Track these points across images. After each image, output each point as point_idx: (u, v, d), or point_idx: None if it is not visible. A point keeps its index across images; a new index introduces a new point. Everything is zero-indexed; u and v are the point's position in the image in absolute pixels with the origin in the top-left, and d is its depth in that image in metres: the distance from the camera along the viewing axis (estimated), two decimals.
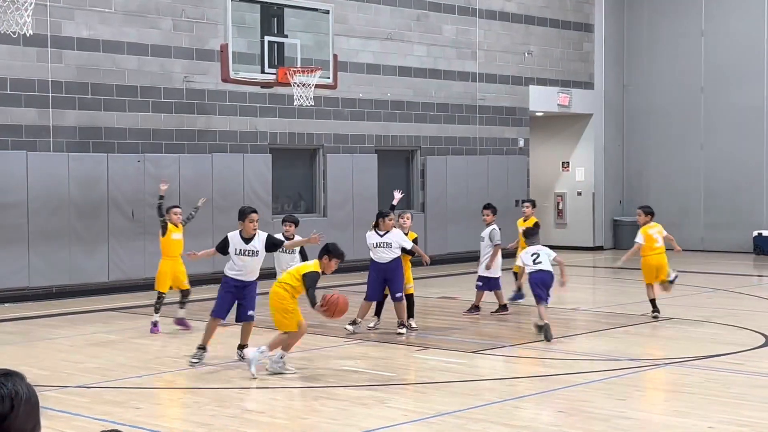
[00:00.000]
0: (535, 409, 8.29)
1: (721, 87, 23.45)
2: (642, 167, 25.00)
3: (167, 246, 12.60)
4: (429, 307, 14.41)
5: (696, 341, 11.49)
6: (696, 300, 15.23)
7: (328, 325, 12.90)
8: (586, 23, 24.57)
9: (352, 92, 19.73)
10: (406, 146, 20.99)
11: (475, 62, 22.06)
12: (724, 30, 23.45)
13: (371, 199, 19.99)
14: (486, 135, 22.37)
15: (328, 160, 19.46)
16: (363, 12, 19.99)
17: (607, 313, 13.99)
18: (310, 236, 10.64)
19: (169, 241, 12.59)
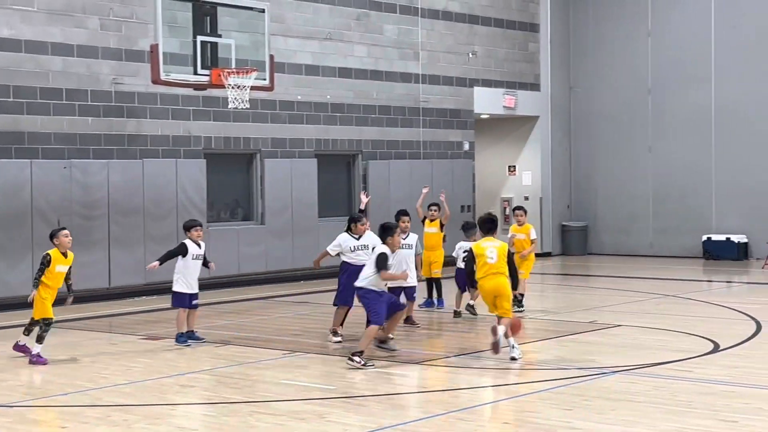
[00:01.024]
0: (479, 421, 8.34)
1: (668, 88, 23.85)
2: (590, 171, 25.32)
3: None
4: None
5: (644, 348, 11.65)
6: (645, 306, 15.44)
7: (264, 337, 12.85)
8: (532, 23, 24.83)
9: (290, 94, 19.69)
10: (347, 150, 21.00)
11: (417, 63, 22.17)
12: (670, 30, 23.87)
13: (311, 205, 19.97)
14: (430, 138, 22.48)
15: (265, 165, 19.40)
16: (301, 11, 19.97)
17: (555, 320, 14.13)
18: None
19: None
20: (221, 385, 9.97)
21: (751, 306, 15.03)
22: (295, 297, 17.29)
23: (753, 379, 9.67)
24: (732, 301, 15.79)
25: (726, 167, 22.98)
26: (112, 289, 17.15)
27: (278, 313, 15.47)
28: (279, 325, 14.07)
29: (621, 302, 15.81)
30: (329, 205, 20.32)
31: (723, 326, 13.15)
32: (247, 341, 12.53)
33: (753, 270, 20.94)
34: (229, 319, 14.70)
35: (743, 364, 10.50)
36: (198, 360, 11.28)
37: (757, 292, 17.93)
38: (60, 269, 11.21)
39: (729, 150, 22.93)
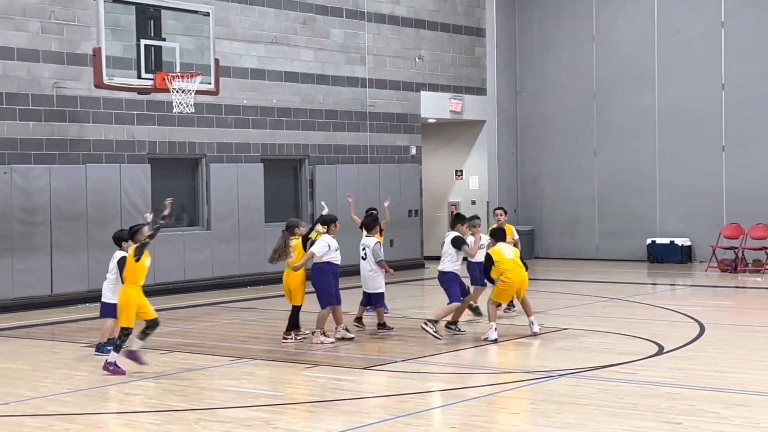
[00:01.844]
0: (427, 426, 8.38)
1: (613, 92, 24.15)
2: (536, 175, 25.54)
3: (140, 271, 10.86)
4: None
5: (589, 351, 11.78)
6: (590, 309, 15.61)
7: (210, 344, 12.78)
8: (478, 28, 24.99)
9: (235, 99, 19.61)
10: (294, 155, 20.97)
11: (364, 67, 22.20)
12: (615, 35, 24.18)
13: (257, 210, 19.90)
14: (377, 143, 22.52)
15: (211, 170, 19.29)
16: (246, 14, 19.90)
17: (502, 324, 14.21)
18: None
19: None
20: (166, 393, 9.89)
21: (694, 308, 15.28)
22: (241, 303, 17.22)
23: (697, 381, 9.82)
24: (676, 304, 16.03)
25: (670, 171, 23.32)
26: (55, 296, 16.94)
27: (225, 320, 15.39)
28: (225, 332, 14.00)
29: (567, 305, 15.97)
30: (276, 210, 20.26)
31: (667, 329, 13.34)
32: (192, 348, 12.45)
33: (696, 273, 21.28)
34: (175, 326, 14.58)
35: (687, 366, 10.66)
36: (143, 367, 11.17)
37: (700, 294, 18.22)
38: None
39: (673, 154, 23.28)
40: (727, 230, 21.82)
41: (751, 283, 19.37)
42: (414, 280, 21.06)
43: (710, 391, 9.33)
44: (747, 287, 19.01)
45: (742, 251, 21.05)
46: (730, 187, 22.53)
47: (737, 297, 18.12)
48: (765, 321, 14.37)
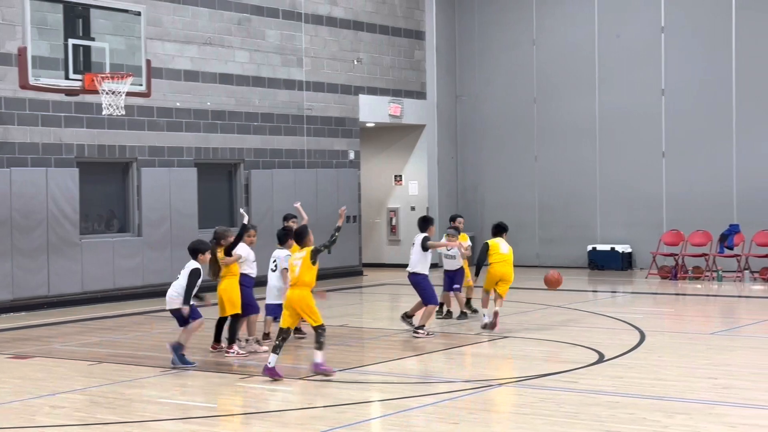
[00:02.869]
0: None
1: (554, 97, 24.42)
2: (477, 180, 25.70)
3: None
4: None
5: (530, 360, 11.88)
6: (530, 317, 15.74)
7: (141, 354, 12.64)
8: (417, 30, 25.10)
9: (168, 101, 19.45)
10: (229, 159, 20.85)
11: (301, 70, 22.17)
12: (555, 39, 24.45)
13: (191, 216, 19.74)
14: (314, 147, 22.49)
15: (142, 174, 19.10)
16: (179, 14, 19.75)
17: (442, 333, 14.27)
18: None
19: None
20: (94, 405, 9.76)
21: (634, 316, 15.49)
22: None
23: (637, 389, 9.95)
24: (616, 311, 16.24)
25: (610, 177, 23.63)
26: None
27: (156, 329, 15.23)
28: (156, 341, 13.85)
29: (507, 313, 16.07)
30: (210, 215, 20.11)
31: (608, 336, 13.51)
32: (122, 359, 12.31)
33: (637, 280, 21.58)
34: (103, 336, 14.40)
35: (628, 374, 10.80)
36: (70, 379, 11.02)
37: (640, 301, 18.48)
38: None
39: (613, 159, 23.59)
40: (667, 237, 22.17)
41: (691, 290, 19.70)
42: (352, 287, 21.06)
43: (651, 399, 9.46)
44: (687, 294, 19.32)
45: (682, 258, 21.40)
46: (670, 194, 22.90)
47: (677, 304, 18.41)
48: (705, 328, 14.63)
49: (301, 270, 10.86)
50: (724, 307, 17.85)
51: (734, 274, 20.71)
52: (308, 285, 10.89)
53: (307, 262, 10.88)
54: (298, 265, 10.93)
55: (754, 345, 13.03)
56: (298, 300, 10.84)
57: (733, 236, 20.97)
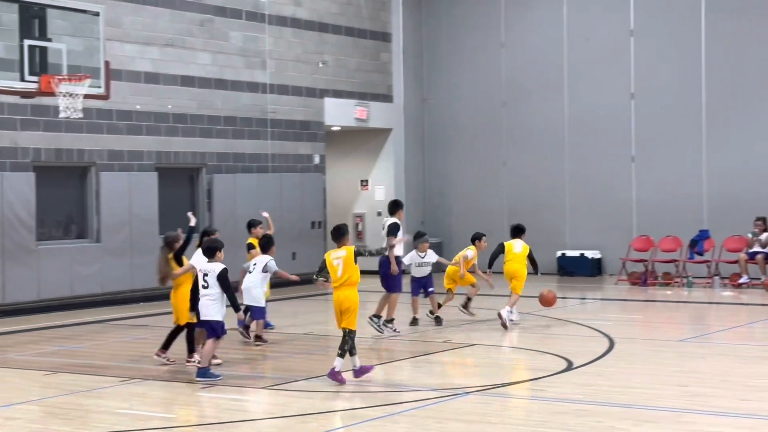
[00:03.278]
0: None
1: (522, 101, 24.50)
2: (444, 185, 25.74)
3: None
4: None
5: (498, 368, 11.91)
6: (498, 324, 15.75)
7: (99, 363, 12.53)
8: (384, 32, 25.12)
9: (128, 103, 19.32)
10: (190, 163, 20.74)
11: (265, 72, 22.11)
12: (523, 42, 24.54)
13: (151, 222, 19.61)
14: (278, 151, 22.42)
15: (101, 179, 18.96)
16: (139, 15, 19.63)
17: (408, 340, 14.27)
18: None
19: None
20: (50, 417, 9.66)
21: (604, 323, 15.56)
22: (133, 320, 16.94)
23: (606, 397, 9.99)
24: (586, 318, 16.31)
25: (579, 182, 23.75)
26: None
27: (114, 338, 15.12)
28: (115, 350, 13.75)
29: (475, 320, 16.10)
30: (171, 221, 19.91)
31: (577, 344, 13.56)
32: (80, 368, 12.19)
33: (606, 286, 21.70)
34: (61, 345, 14.27)
35: (596, 382, 10.85)
36: (25, 390, 10.91)
37: (610, 308, 18.58)
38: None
39: (582, 164, 23.70)
40: (636, 242, 22.30)
41: (660, 297, 19.82)
42: (317, 294, 20.98)
43: (619, 408, 9.50)
44: (657, 301, 19.44)
45: (652, 264, 21.53)
46: (640, 199, 23.05)
47: (647, 311, 18.52)
48: (674, 335, 14.73)
49: (344, 270, 10.79)
50: (694, 313, 17.98)
51: (704, 280, 20.86)
52: (355, 284, 10.87)
53: (350, 261, 10.82)
54: (339, 265, 10.84)
55: (723, 352, 13.12)
56: (345, 299, 10.80)
57: (704, 242, 21.13)
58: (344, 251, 10.95)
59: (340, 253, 10.97)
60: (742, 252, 20.60)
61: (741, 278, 20.25)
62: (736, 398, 9.91)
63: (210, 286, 11.29)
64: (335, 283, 10.89)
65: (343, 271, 10.84)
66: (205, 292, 11.32)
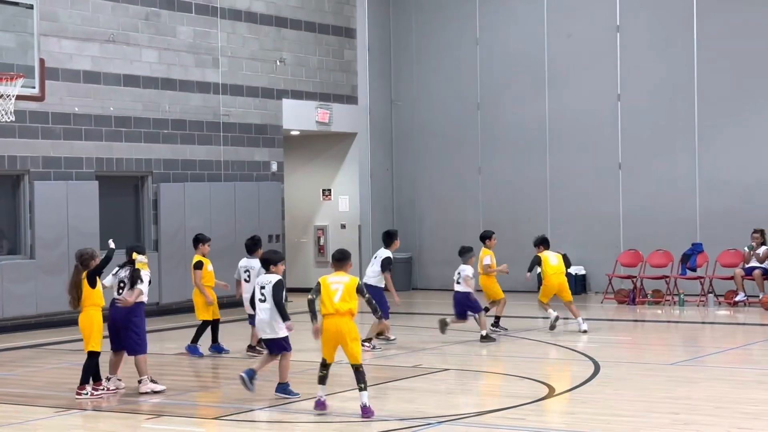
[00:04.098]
0: None
1: (499, 103, 24.62)
2: (414, 195, 25.81)
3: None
4: (164, 365, 14.20)
5: (474, 395, 11.95)
6: (474, 347, 15.81)
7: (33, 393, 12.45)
8: (347, 27, 25.19)
9: (65, 105, 19.26)
10: (135, 171, 20.69)
11: (217, 71, 22.10)
12: (500, 38, 24.67)
13: (91, 235, 19.51)
14: (232, 157, 22.41)
15: (35, 188, 18.87)
16: (77, 8, 19.59)
17: (374, 365, 14.29)
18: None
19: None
20: None
21: (588, 345, 15.66)
22: (71, 344, 16.82)
23: (590, 426, 10.05)
24: (568, 340, 16.39)
25: (562, 191, 23.88)
26: None
27: (51, 364, 15.03)
28: (51, 378, 13.67)
29: (448, 343, 16.14)
30: (113, 234, 19.58)
31: (559, 368, 13.65)
32: (11, 398, 12.11)
33: (591, 305, 21.81)
34: None
35: (580, 410, 10.91)
36: None
37: (595, 329, 18.65)
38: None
39: (565, 172, 23.83)
40: (624, 257, 22.46)
41: (650, 316, 19.96)
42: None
43: None
44: (646, 320, 19.58)
45: (641, 280, 21.69)
46: (627, 210, 23.22)
47: (635, 331, 18.65)
48: (665, 358, 14.83)
49: (342, 297, 10.71)
50: (686, 334, 18.12)
51: (697, 297, 21.03)
52: (354, 315, 10.89)
53: (351, 290, 10.75)
54: (339, 290, 10.73)
55: (718, 376, 13.24)
56: (349, 330, 10.74)
57: (696, 257, 21.30)
58: (347, 278, 10.84)
59: (341, 278, 10.87)
60: (738, 267, 20.79)
61: (737, 296, 20.45)
62: (730, 426, 10.01)
63: (267, 299, 11.62)
64: (329, 310, 10.75)
65: (341, 298, 10.71)
66: (263, 306, 11.63)
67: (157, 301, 20.04)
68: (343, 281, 10.80)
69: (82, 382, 11.99)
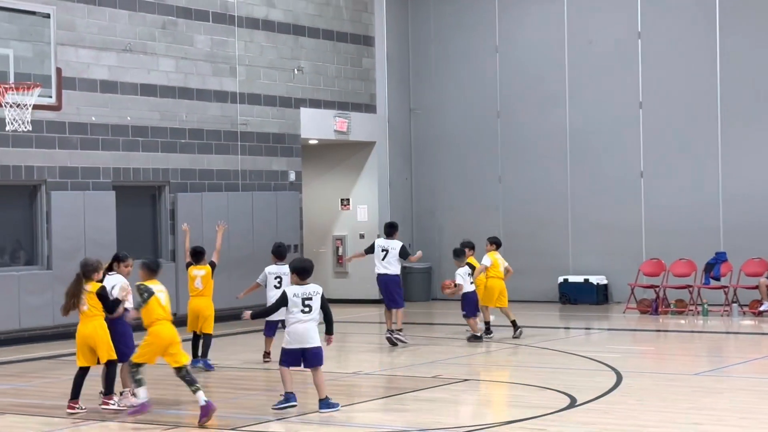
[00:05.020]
0: None
1: (519, 111, 24.58)
2: (433, 204, 25.79)
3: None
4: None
5: (494, 405, 11.92)
6: (495, 357, 15.80)
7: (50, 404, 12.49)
8: (366, 35, 25.22)
9: (82, 115, 19.34)
10: (152, 181, 20.75)
11: (234, 80, 22.17)
12: (521, 45, 24.65)
13: (108, 246, 19.52)
14: (250, 167, 22.46)
15: (52, 198, 18.94)
16: (94, 17, 19.68)
17: (394, 376, 14.29)
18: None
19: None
20: None
21: (610, 355, 15.59)
22: None
23: None
24: (590, 350, 16.34)
25: (583, 200, 23.81)
26: None
27: (67, 375, 14.99)
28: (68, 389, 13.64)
29: (468, 353, 16.12)
30: (131, 245, 19.88)
31: (581, 378, 13.59)
32: (28, 409, 12.17)
33: (613, 315, 21.75)
34: (7, 383, 14.24)
35: (602, 420, 10.88)
36: None
37: (617, 339, 18.63)
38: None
39: (586, 180, 23.77)
40: (646, 267, 22.38)
41: (673, 326, 19.88)
42: None
43: None
44: (669, 330, 19.50)
45: (664, 290, 21.60)
46: (649, 219, 23.13)
47: (658, 342, 18.58)
48: (688, 368, 14.76)
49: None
50: (710, 344, 18.04)
51: (721, 307, 20.93)
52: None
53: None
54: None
55: (742, 386, 13.18)
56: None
57: (720, 266, 21.22)
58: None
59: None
60: (762, 276, 20.69)
61: (762, 305, 20.34)
62: None
63: (314, 310, 11.55)
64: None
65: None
66: (308, 316, 11.48)
67: (175, 312, 20.02)
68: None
69: (107, 393, 11.93)
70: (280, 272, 15.17)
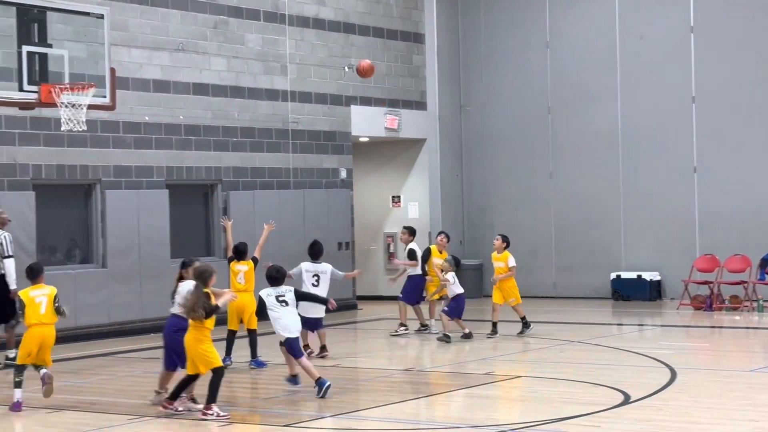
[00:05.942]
0: None
1: (571, 106, 24.49)
2: (484, 201, 25.76)
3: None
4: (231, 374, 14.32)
5: (547, 402, 11.91)
6: (547, 354, 15.77)
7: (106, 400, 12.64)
8: (416, 33, 25.24)
9: (135, 114, 19.53)
10: (204, 179, 20.91)
11: (285, 78, 22.27)
12: (571, 41, 24.55)
13: (162, 245, 19.77)
14: (301, 165, 22.57)
15: (107, 197, 19.15)
16: (147, 17, 19.86)
17: (446, 372, 14.31)
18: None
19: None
20: None
21: (664, 351, 15.51)
22: (143, 352, 17.06)
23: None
24: (644, 347, 16.27)
25: (636, 195, 23.67)
26: None
27: (123, 372, 15.24)
28: (124, 386, 13.87)
29: (520, 350, 16.11)
30: (183, 244, 20.15)
31: (634, 375, 13.54)
32: (85, 406, 12.32)
33: (667, 311, 21.61)
34: (65, 380, 14.38)
35: (656, 417, 10.83)
36: (27, 429, 11.03)
37: (671, 335, 18.51)
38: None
39: (638, 176, 23.63)
40: (700, 263, 22.21)
41: (728, 323, 19.73)
42: (346, 323, 21.07)
43: None
44: (723, 327, 19.36)
45: (718, 286, 21.43)
46: (703, 214, 22.95)
47: (713, 338, 18.44)
48: (743, 365, 14.66)
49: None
50: (766, 340, 17.89)
51: None
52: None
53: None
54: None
55: None
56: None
57: None
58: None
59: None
60: None
61: None
62: None
63: (290, 304, 12.63)
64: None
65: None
66: (285, 308, 12.53)
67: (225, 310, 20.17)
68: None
69: (209, 401, 11.34)
70: (318, 270, 15.32)
